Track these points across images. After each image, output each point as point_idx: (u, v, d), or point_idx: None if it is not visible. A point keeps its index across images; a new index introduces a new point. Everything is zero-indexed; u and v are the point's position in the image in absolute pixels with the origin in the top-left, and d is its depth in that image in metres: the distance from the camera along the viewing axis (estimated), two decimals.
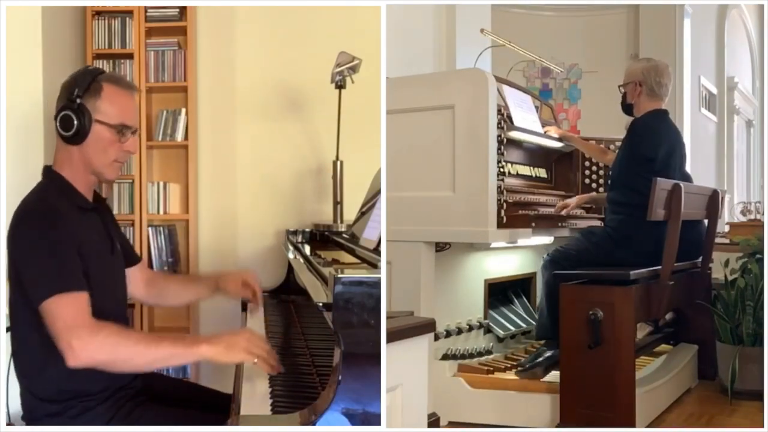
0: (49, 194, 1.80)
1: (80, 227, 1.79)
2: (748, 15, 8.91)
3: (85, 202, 1.87)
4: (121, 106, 1.87)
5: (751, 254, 3.28)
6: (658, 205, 2.65)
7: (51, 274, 1.66)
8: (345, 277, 1.40)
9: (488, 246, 3.02)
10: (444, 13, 4.59)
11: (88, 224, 1.86)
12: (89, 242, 1.79)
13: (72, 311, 1.62)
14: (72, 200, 1.83)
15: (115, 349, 1.62)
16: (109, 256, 1.92)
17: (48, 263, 1.67)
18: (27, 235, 1.71)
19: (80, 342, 1.58)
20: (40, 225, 1.70)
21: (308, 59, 3.52)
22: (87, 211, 1.87)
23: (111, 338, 1.62)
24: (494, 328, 3.16)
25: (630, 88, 2.99)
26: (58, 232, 1.70)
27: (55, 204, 1.76)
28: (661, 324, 3.41)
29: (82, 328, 1.60)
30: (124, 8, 3.44)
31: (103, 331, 1.62)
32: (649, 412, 2.78)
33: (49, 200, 1.77)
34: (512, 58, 4.91)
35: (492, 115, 2.62)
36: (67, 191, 1.84)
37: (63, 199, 1.80)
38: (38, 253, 1.68)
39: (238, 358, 1.67)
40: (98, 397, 1.78)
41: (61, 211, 1.75)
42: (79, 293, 1.66)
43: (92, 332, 1.61)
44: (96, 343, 1.60)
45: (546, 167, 3.53)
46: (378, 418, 1.41)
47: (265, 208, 3.62)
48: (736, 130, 8.65)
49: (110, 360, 1.63)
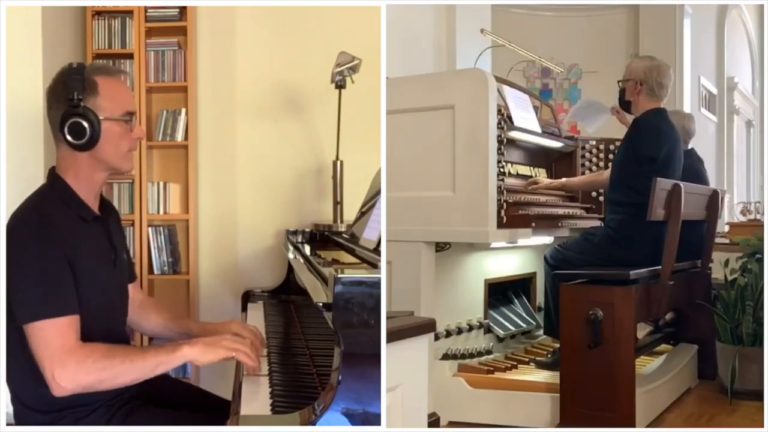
0: (46, 202, 1.72)
1: (77, 239, 1.70)
2: (748, 15, 8.91)
3: (86, 212, 1.78)
4: (120, 95, 1.80)
5: (751, 254, 3.28)
6: (658, 205, 2.65)
7: (37, 296, 1.59)
8: (345, 277, 1.40)
9: (488, 246, 3.02)
10: (444, 13, 4.59)
11: (88, 235, 1.77)
12: (87, 254, 1.72)
13: (58, 339, 1.57)
14: (72, 210, 1.75)
15: (101, 373, 1.58)
16: (110, 269, 1.84)
17: (35, 284, 1.60)
18: (16, 248, 1.63)
19: (64, 371, 1.54)
20: (30, 238, 1.63)
21: (308, 59, 3.52)
22: (88, 221, 1.78)
23: (97, 363, 1.57)
24: (494, 328, 3.16)
25: (630, 85, 2.98)
26: (50, 248, 1.62)
27: (50, 214, 1.68)
28: (661, 324, 3.41)
29: (69, 356, 1.56)
30: (124, 8, 3.44)
31: (90, 357, 1.57)
32: (649, 412, 2.78)
33: (45, 209, 1.69)
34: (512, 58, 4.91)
35: (492, 115, 2.62)
36: (68, 200, 1.75)
37: (62, 208, 1.73)
38: (25, 271, 1.60)
39: (218, 354, 1.66)
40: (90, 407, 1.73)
41: (56, 222, 1.67)
42: (66, 318, 1.59)
43: (78, 361, 1.56)
44: (83, 371, 1.56)
45: (546, 167, 3.53)
46: (378, 418, 1.41)
47: (265, 208, 3.62)
48: (736, 130, 8.64)
49: (96, 382, 1.59)
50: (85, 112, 1.71)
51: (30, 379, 1.66)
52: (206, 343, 1.68)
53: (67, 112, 1.71)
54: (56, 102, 1.75)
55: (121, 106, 1.79)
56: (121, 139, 1.79)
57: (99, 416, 1.74)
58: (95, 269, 1.75)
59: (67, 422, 1.71)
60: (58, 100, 1.75)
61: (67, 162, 1.77)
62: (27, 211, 1.72)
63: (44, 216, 1.67)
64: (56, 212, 1.70)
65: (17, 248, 1.63)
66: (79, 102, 1.71)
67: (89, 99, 1.73)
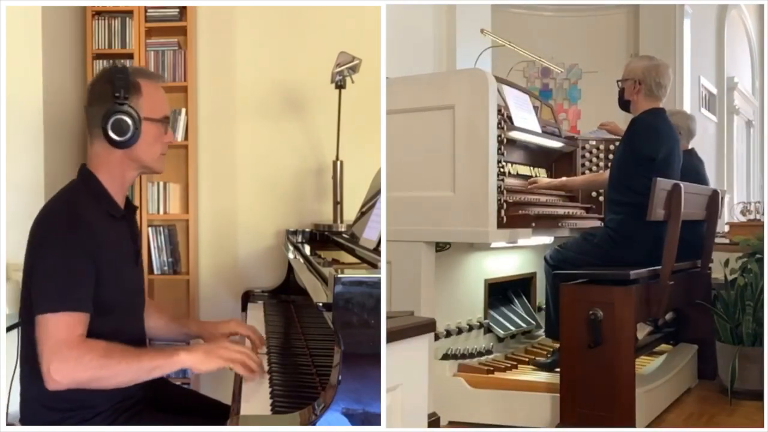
0: (79, 198, 1.76)
1: (105, 237, 1.74)
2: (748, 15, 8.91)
3: (116, 209, 1.83)
4: (160, 99, 1.87)
5: (751, 254, 3.28)
6: (658, 205, 2.65)
7: (56, 289, 1.61)
8: (345, 277, 1.40)
9: (488, 246, 3.02)
10: (444, 13, 4.60)
11: (117, 233, 1.82)
12: (114, 252, 1.76)
13: (64, 333, 1.58)
14: (102, 206, 1.79)
15: (97, 371, 1.59)
16: (132, 266, 1.89)
17: (56, 277, 1.62)
18: (44, 240, 1.67)
19: (62, 365, 1.55)
20: (59, 233, 1.66)
21: (308, 59, 3.52)
22: (116, 219, 1.82)
23: (95, 361, 1.58)
24: (494, 328, 3.16)
25: (629, 85, 2.98)
26: (76, 243, 1.65)
27: (81, 211, 1.71)
28: (661, 324, 3.41)
29: (70, 351, 1.57)
30: (124, 8, 3.43)
31: (88, 355, 1.58)
32: (649, 412, 2.78)
33: (77, 206, 1.73)
34: (512, 58, 4.92)
35: (492, 115, 2.62)
36: (100, 196, 1.80)
37: (93, 204, 1.77)
38: (50, 263, 1.64)
39: (216, 364, 1.67)
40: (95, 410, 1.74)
41: (87, 219, 1.71)
42: (77, 314, 1.62)
43: (78, 357, 1.57)
44: (80, 367, 1.57)
45: (546, 167, 3.53)
46: (378, 418, 1.41)
47: (265, 208, 3.61)
48: (736, 130, 8.64)
49: (92, 379, 1.60)
50: (128, 110, 1.76)
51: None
52: (204, 351, 1.68)
53: (112, 109, 1.75)
54: (98, 99, 1.79)
55: (160, 109, 1.86)
56: (156, 141, 1.85)
57: (103, 419, 1.75)
58: (119, 267, 1.78)
59: (72, 423, 1.73)
60: (100, 97, 1.79)
61: (101, 159, 1.82)
62: (59, 205, 1.76)
63: (75, 212, 1.71)
64: (87, 208, 1.74)
65: (45, 242, 1.67)
66: (125, 100, 1.76)
67: (133, 98, 1.79)
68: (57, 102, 3.15)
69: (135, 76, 1.82)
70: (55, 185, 3.00)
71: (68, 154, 3.27)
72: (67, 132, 3.28)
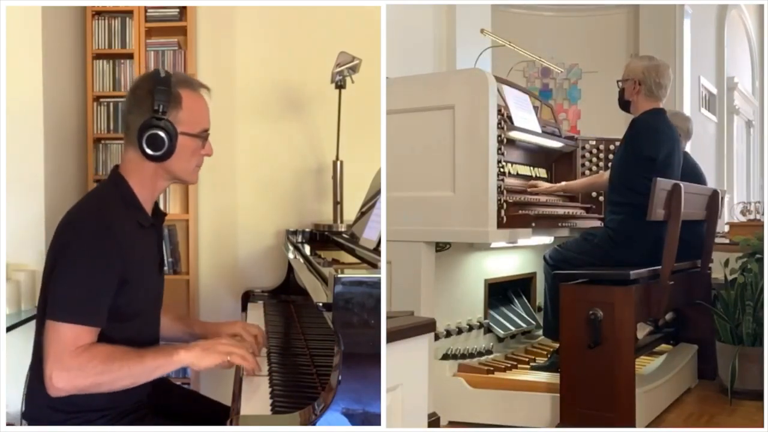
0: (111, 205, 1.73)
1: (132, 246, 1.71)
2: (748, 15, 8.91)
3: (145, 218, 1.80)
4: (200, 111, 1.81)
5: (751, 254, 3.28)
6: (658, 205, 2.65)
7: (75, 300, 1.60)
8: (345, 277, 1.40)
9: (488, 246, 3.02)
10: (444, 13, 4.60)
11: (144, 242, 1.79)
12: (140, 261, 1.74)
13: (71, 343, 1.57)
14: (133, 215, 1.76)
15: (98, 377, 1.59)
16: (155, 275, 1.88)
17: (77, 287, 1.61)
18: (72, 246, 1.65)
19: (64, 374, 1.55)
20: (88, 240, 1.64)
21: (308, 59, 3.52)
22: (145, 227, 1.79)
23: (97, 368, 1.58)
24: (494, 328, 3.16)
25: (629, 85, 2.98)
26: (103, 254, 1.63)
27: (111, 219, 1.68)
28: (661, 324, 3.41)
29: (73, 360, 1.56)
30: (124, 8, 3.43)
31: (91, 362, 1.58)
32: (649, 412, 2.78)
33: (107, 214, 1.69)
34: (512, 58, 4.92)
35: (492, 115, 2.62)
36: (130, 204, 1.76)
37: (123, 212, 1.73)
38: (73, 271, 1.62)
39: (215, 360, 1.66)
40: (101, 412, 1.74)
41: (116, 228, 1.67)
42: (89, 328, 1.61)
43: (81, 366, 1.57)
44: (82, 375, 1.57)
45: (546, 167, 3.53)
46: (378, 418, 1.41)
47: (265, 208, 3.61)
48: (736, 130, 8.64)
49: (94, 385, 1.60)
50: (165, 125, 1.71)
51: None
52: (203, 348, 1.68)
53: (149, 123, 1.71)
54: (138, 108, 1.74)
55: (199, 123, 1.80)
56: (193, 155, 1.81)
57: (107, 421, 1.75)
58: (144, 276, 1.77)
59: (76, 424, 1.73)
60: (140, 106, 1.74)
61: (133, 165, 1.78)
62: (90, 210, 1.73)
63: (104, 221, 1.67)
64: (117, 217, 1.70)
65: (72, 247, 1.64)
66: (163, 114, 1.71)
67: (172, 112, 1.73)
68: (57, 102, 3.15)
69: (177, 86, 1.76)
70: (55, 185, 3.03)
71: (68, 154, 3.27)
72: (67, 132, 3.28)
